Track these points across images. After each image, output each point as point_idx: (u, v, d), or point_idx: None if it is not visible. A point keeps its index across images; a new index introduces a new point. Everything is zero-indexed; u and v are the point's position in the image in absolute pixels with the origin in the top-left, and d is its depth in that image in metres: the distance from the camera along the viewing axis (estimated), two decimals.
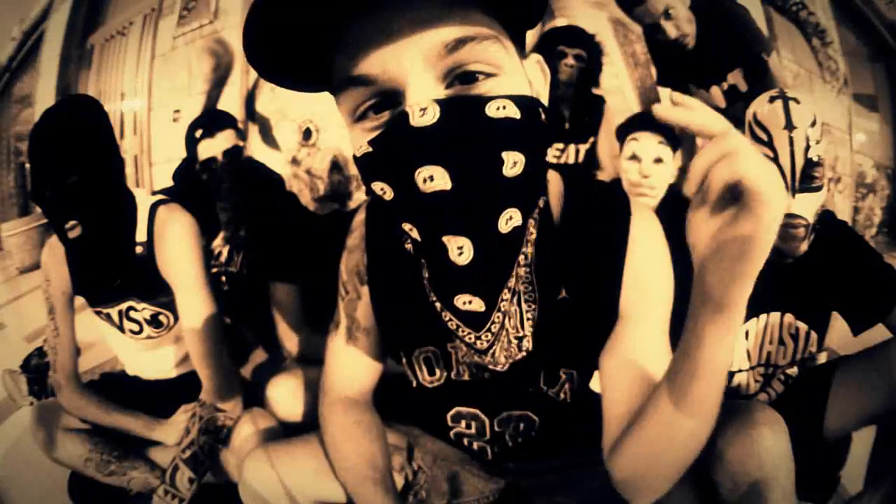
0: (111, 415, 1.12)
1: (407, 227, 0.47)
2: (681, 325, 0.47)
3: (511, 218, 0.45)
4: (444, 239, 0.44)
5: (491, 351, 0.52)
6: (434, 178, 0.42)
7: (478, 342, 0.50)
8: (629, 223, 0.61)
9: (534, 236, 0.53)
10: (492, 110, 0.43)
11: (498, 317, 0.49)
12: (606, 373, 0.61)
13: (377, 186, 0.47)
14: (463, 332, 0.50)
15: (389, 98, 0.45)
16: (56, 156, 0.96)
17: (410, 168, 0.43)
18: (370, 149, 0.46)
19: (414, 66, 0.43)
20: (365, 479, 0.70)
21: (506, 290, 0.49)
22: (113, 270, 1.04)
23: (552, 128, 0.48)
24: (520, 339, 0.55)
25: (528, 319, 0.56)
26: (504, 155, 0.44)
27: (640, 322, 0.60)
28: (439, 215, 0.44)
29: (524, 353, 0.56)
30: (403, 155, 0.43)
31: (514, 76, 0.46)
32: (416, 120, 0.42)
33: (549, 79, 0.54)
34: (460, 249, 0.44)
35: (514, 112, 0.44)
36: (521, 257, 0.50)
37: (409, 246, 0.51)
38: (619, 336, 0.61)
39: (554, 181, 0.64)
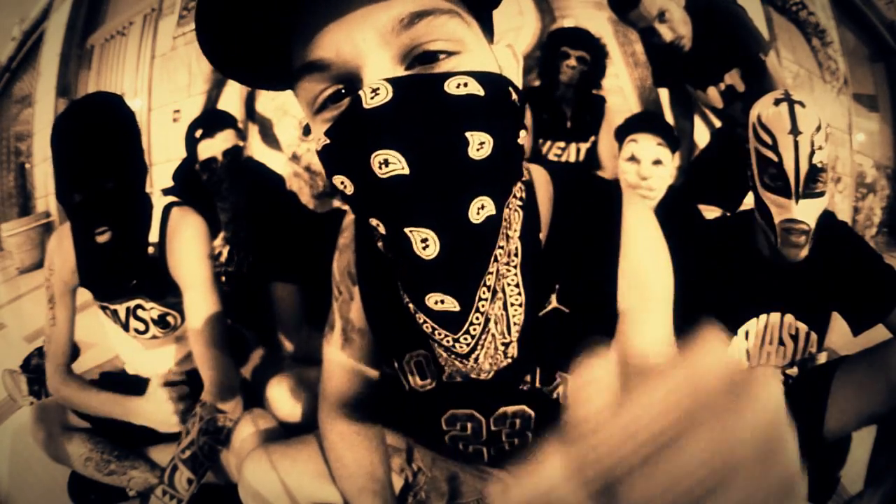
0: (92, 399, 1.07)
1: (374, 222, 0.44)
2: (683, 321, 0.45)
3: (483, 207, 0.41)
4: (407, 230, 0.40)
5: (473, 356, 0.47)
6: (389, 163, 0.39)
7: (457, 345, 0.45)
8: (621, 216, 0.58)
9: (517, 233, 0.49)
10: (451, 87, 0.40)
11: (478, 317, 0.44)
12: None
13: (338, 181, 0.44)
14: (439, 334, 0.45)
15: (348, 84, 0.42)
16: (92, 161, 0.93)
17: (366, 153, 0.39)
18: (328, 140, 0.43)
19: (368, 46, 0.40)
20: (363, 490, 0.70)
21: (484, 289, 0.44)
22: (131, 270, 1.04)
23: (523, 108, 0.45)
24: (506, 345, 0.50)
25: (514, 325, 0.51)
26: (468, 135, 0.40)
27: (642, 317, 0.58)
28: (399, 204, 0.40)
29: (509, 361, 0.51)
30: (358, 140, 0.40)
31: (479, 54, 0.44)
32: (368, 102, 0.39)
33: (522, 64, 0.51)
34: (424, 242, 0.40)
35: (476, 89, 0.41)
36: (501, 253, 0.46)
37: (380, 244, 0.46)
38: (623, 335, 0.58)
39: (541, 178, 0.61)
